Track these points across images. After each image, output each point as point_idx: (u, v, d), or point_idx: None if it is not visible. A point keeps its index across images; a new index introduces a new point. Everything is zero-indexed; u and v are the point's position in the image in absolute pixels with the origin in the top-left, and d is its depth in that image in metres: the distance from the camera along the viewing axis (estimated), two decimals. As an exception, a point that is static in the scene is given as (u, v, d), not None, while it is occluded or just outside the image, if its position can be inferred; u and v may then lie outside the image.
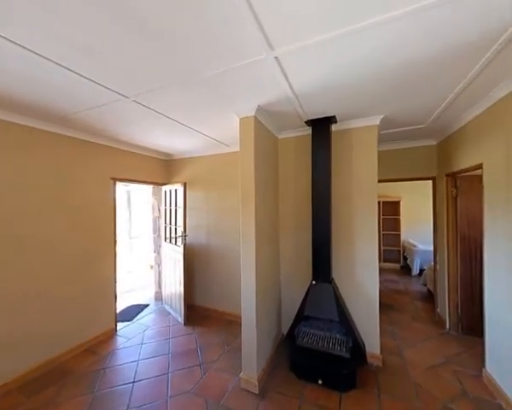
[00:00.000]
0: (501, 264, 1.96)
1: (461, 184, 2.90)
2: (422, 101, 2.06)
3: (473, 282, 2.84)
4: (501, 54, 1.40)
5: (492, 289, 2.09)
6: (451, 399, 1.99)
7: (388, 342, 2.80)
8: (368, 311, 2.47)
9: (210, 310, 3.62)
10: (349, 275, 2.56)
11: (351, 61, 1.46)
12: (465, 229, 2.89)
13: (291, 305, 2.78)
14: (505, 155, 1.88)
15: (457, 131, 2.67)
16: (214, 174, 3.61)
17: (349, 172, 2.57)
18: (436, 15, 1.11)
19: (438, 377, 2.25)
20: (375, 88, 1.80)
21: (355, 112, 2.28)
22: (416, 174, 3.45)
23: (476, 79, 1.69)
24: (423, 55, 1.40)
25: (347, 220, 2.57)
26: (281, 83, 1.70)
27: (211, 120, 2.44)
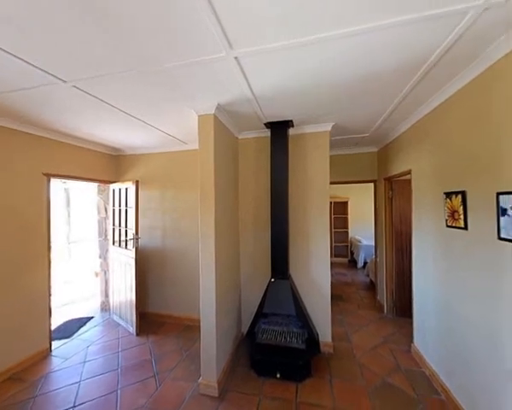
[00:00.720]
0: (425, 256, 2.34)
1: (395, 187, 3.36)
2: (367, 112, 2.32)
3: (404, 271, 3.32)
4: (427, 76, 1.66)
5: (419, 277, 2.48)
6: (388, 373, 2.29)
7: (338, 329, 3.07)
8: (321, 303, 2.67)
9: (166, 316, 3.42)
10: (305, 271, 2.72)
11: (307, 70, 1.55)
12: (399, 225, 3.37)
13: (251, 303, 2.81)
14: (428, 164, 2.25)
15: (393, 141, 3.08)
16: (171, 173, 3.42)
17: (304, 174, 2.73)
18: (375, 39, 1.26)
19: (378, 355, 2.57)
20: (329, 97, 1.95)
21: (310, 118, 2.43)
22: (361, 177, 3.87)
23: (408, 96, 1.97)
24: (366, 72, 1.57)
25: (303, 219, 2.73)
26: (241, 83, 1.70)
27: (168, 116, 2.30)
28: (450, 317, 1.91)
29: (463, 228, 1.73)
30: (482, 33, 1.25)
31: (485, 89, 1.50)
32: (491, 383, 1.50)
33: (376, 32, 1.22)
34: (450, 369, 1.93)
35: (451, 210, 1.85)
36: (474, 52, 1.40)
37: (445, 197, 1.93)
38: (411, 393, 2.05)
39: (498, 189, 1.40)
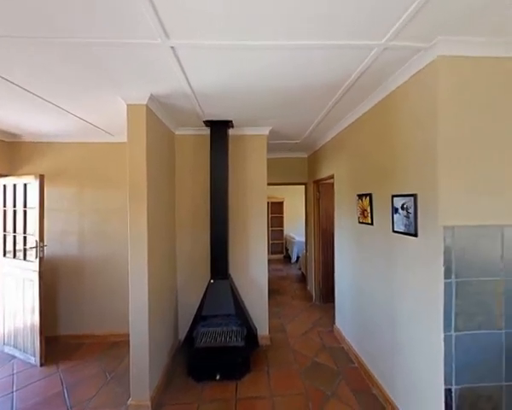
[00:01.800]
0: (343, 248, 2.76)
1: (322, 189, 3.84)
2: (299, 121, 2.56)
3: (328, 263, 3.82)
4: (346, 94, 1.96)
5: (339, 266, 2.90)
6: (316, 353, 2.60)
7: (275, 321, 3.28)
8: (259, 299, 2.79)
9: (84, 337, 2.89)
10: (244, 269, 2.79)
11: (247, 74, 1.59)
12: (324, 223, 3.85)
13: (190, 307, 2.69)
14: (346, 170, 2.65)
15: (320, 148, 3.51)
16: (93, 167, 2.92)
17: (244, 175, 2.80)
18: (308, 56, 1.41)
19: (308, 339, 2.87)
20: (267, 103, 2.06)
21: (250, 120, 2.51)
22: (295, 180, 4.25)
23: (332, 110, 2.28)
24: (300, 83, 1.74)
25: (243, 219, 2.79)
26: (178, 76, 1.61)
27: (88, 101, 1.96)
28: (361, 297, 2.32)
29: (370, 224, 2.12)
30: (383, 67, 1.56)
31: (384, 112, 1.88)
32: (389, 348, 1.89)
33: (309, 50, 1.36)
34: (361, 340, 2.34)
35: (362, 209, 2.24)
36: (378, 81, 1.74)
37: (357, 199, 2.33)
38: (334, 367, 2.38)
39: (393, 192, 1.78)
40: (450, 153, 1.36)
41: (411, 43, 1.32)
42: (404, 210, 1.64)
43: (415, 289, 1.59)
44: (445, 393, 1.37)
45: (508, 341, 1.38)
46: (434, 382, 1.43)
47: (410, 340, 1.64)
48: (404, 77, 1.61)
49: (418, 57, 1.45)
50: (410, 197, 1.58)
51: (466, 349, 1.37)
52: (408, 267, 1.65)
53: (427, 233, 1.47)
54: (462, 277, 1.36)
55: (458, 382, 1.37)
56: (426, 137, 1.46)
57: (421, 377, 1.54)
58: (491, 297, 1.37)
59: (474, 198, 1.37)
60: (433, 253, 1.42)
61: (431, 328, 1.45)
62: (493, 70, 1.37)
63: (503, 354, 1.38)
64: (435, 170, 1.39)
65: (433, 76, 1.40)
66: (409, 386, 1.67)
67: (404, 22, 1.16)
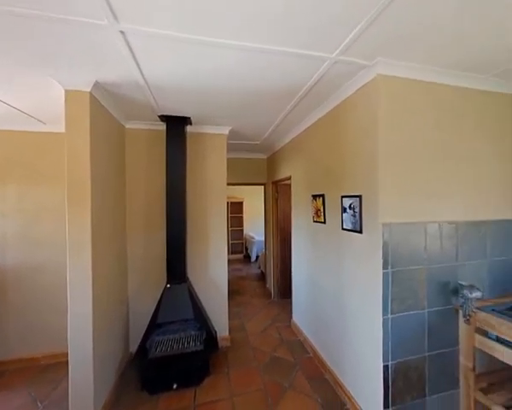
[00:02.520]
0: (299, 245, 2.92)
1: (280, 190, 3.99)
2: (258, 122, 2.61)
3: (286, 260, 3.99)
4: (303, 100, 2.07)
5: (295, 262, 3.06)
6: (275, 348, 2.69)
7: (235, 321, 3.28)
8: (219, 300, 2.75)
9: (7, 363, 2.42)
10: (203, 271, 2.71)
11: (204, 71, 1.55)
12: (282, 222, 4.01)
13: (143, 316, 2.49)
14: (302, 172, 2.81)
15: (279, 150, 3.64)
16: (17, 160, 2.46)
17: (203, 174, 2.73)
18: (267, 59, 1.45)
19: (267, 335, 2.95)
20: (226, 102, 2.04)
21: (209, 119, 2.46)
22: (254, 180, 4.32)
23: (290, 114, 2.39)
24: (258, 85, 1.77)
25: (202, 219, 2.71)
26: (129, 64, 1.47)
27: (14, 81, 1.64)
28: (315, 290, 2.49)
29: (323, 222, 2.29)
30: (335, 78, 1.70)
31: (336, 120, 2.05)
32: (339, 335, 2.07)
33: (267, 54, 1.39)
34: (316, 331, 2.51)
35: (316, 209, 2.40)
36: (330, 90, 1.89)
37: (312, 199, 2.49)
38: (291, 359, 2.50)
39: (342, 193, 1.96)
40: (388, 159, 1.57)
41: (357, 59, 1.48)
42: (352, 209, 1.82)
43: (361, 280, 1.77)
44: (383, 369, 1.57)
45: (429, 318, 1.65)
46: (375, 360, 1.63)
47: (357, 326, 1.83)
48: (352, 89, 1.78)
49: (363, 73, 1.62)
50: (356, 198, 1.76)
51: (399, 329, 1.59)
52: (355, 261, 1.84)
53: (369, 230, 1.66)
54: (397, 267, 1.58)
55: (393, 358, 1.58)
56: (370, 144, 1.64)
57: (365, 357, 1.74)
58: (417, 283, 1.63)
59: (405, 199, 1.60)
60: (374, 247, 1.61)
61: (373, 313, 1.64)
62: (423, 91, 1.63)
63: (426, 330, 1.65)
64: (376, 174, 1.57)
65: (374, 91, 1.59)
66: (355, 367, 1.86)
67: (350, 41, 1.29)
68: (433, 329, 1.66)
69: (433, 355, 1.66)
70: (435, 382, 1.67)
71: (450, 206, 1.68)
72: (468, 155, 1.73)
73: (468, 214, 1.72)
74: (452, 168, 1.69)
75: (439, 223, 1.66)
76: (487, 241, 1.77)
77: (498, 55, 1.46)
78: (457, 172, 1.70)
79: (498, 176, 1.80)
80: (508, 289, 1.83)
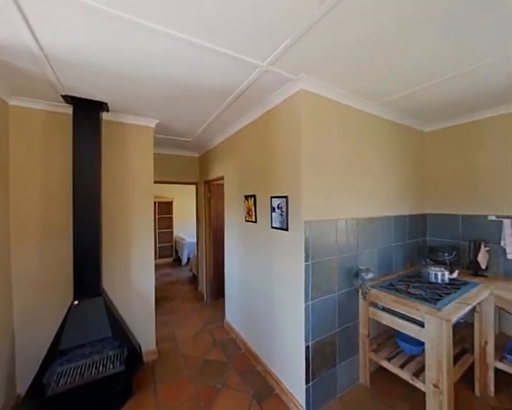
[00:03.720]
0: (232, 245, 2.96)
1: (213, 190, 3.94)
2: (190, 119, 2.50)
3: (219, 260, 3.98)
4: (237, 101, 2.11)
5: (228, 262, 3.09)
6: (207, 351, 2.63)
7: (164, 331, 3.03)
8: (145, 310, 2.48)
9: None
10: (124, 279, 2.38)
11: (124, 53, 1.37)
12: (215, 222, 3.97)
13: (39, 346, 1.97)
14: (235, 172, 2.86)
15: (212, 149, 3.58)
16: None
17: (125, 170, 2.40)
18: (197, 55, 1.40)
19: (199, 340, 2.86)
20: (150, 92, 1.86)
21: (131, 107, 2.18)
22: (186, 179, 4.11)
23: (223, 113, 2.38)
24: (189, 81, 1.70)
25: (122, 221, 2.38)
26: (16, 23, 1.14)
27: None
28: (247, 287, 2.58)
29: (254, 222, 2.40)
30: (265, 85, 1.81)
31: (266, 124, 2.18)
32: (268, 326, 2.22)
33: (199, 50, 1.35)
34: (247, 327, 2.61)
35: (248, 209, 2.50)
36: (262, 96, 2.00)
37: (244, 199, 2.57)
38: (224, 359, 2.51)
39: (272, 194, 2.10)
40: (308, 165, 1.79)
41: (284, 72, 1.62)
42: (280, 209, 1.98)
43: (287, 273, 1.95)
44: (305, 349, 1.78)
45: (339, 299, 1.98)
46: (298, 343, 1.82)
47: (284, 315, 2.00)
48: (280, 98, 1.94)
49: (289, 85, 1.79)
50: (284, 198, 1.93)
51: (317, 312, 1.84)
52: (282, 256, 2.01)
53: (294, 227, 1.85)
54: (316, 259, 1.82)
55: (313, 338, 1.82)
56: (294, 151, 1.83)
57: (290, 342, 1.92)
58: (331, 271, 1.92)
59: (321, 200, 1.86)
60: (298, 243, 1.80)
61: (296, 301, 1.83)
62: (334, 109, 1.93)
63: (337, 310, 1.97)
64: (300, 177, 1.77)
65: (297, 103, 1.78)
66: (282, 353, 2.03)
67: (279, 53, 1.41)
68: (341, 308, 1.99)
69: (341, 330, 2.00)
70: (343, 351, 2.01)
71: (353, 205, 2.07)
72: (365, 166, 2.17)
73: (364, 212, 2.16)
74: (354, 175, 2.08)
75: (346, 219, 2.02)
76: (377, 233, 2.27)
77: (385, 89, 1.89)
78: (357, 178, 2.11)
79: (382, 183, 2.34)
80: (389, 269, 2.40)
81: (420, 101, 2.10)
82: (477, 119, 2.41)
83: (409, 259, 2.61)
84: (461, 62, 1.53)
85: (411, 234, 2.64)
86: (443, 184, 2.70)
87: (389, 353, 2.03)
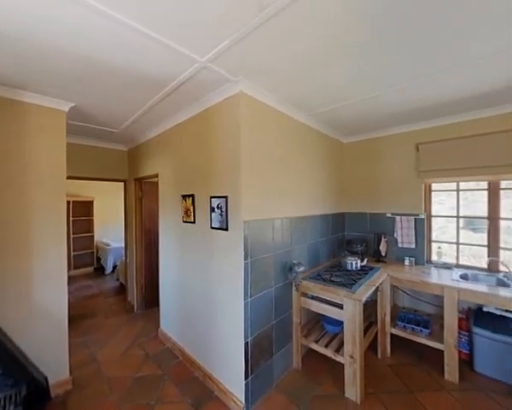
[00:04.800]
0: (168, 247, 2.76)
1: (145, 188, 3.57)
2: (116, 106, 2.19)
3: (153, 265, 3.64)
4: (173, 94, 1.97)
5: (164, 266, 2.86)
6: (138, 369, 2.37)
7: (81, 355, 2.55)
8: (52, 333, 2.03)
9: None
10: (23, 298, 1.89)
11: (28, 16, 1.09)
12: (148, 224, 3.62)
13: None
14: (171, 170, 2.67)
15: (144, 144, 3.24)
16: None
17: (22, 160, 1.90)
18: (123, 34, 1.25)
19: (128, 357, 2.54)
20: (61, 67, 1.54)
21: (34, 82, 1.75)
22: (111, 175, 3.58)
23: (157, 106, 2.19)
24: (118, 64, 1.49)
25: (19, 224, 1.88)
26: None
27: None
28: (184, 290, 2.46)
29: (193, 222, 2.30)
30: (204, 82, 1.76)
31: (205, 122, 2.13)
32: (207, 328, 2.17)
33: (130, 30, 1.20)
34: (185, 333, 2.48)
35: (186, 209, 2.38)
36: (201, 92, 1.93)
37: (181, 199, 2.43)
38: (159, 372, 2.31)
39: (211, 194, 2.07)
40: (247, 166, 1.84)
41: (224, 72, 1.62)
42: (219, 209, 1.97)
43: (226, 272, 1.95)
44: (244, 346, 1.83)
45: (275, 293, 2.11)
46: (238, 341, 1.86)
47: (223, 316, 2.00)
48: (220, 97, 1.92)
49: (229, 86, 1.80)
50: (223, 198, 1.92)
51: (256, 308, 1.91)
52: (221, 256, 2.00)
53: (234, 227, 1.87)
54: (254, 257, 1.89)
55: (252, 334, 1.88)
56: (234, 150, 1.85)
57: (230, 341, 1.94)
58: (268, 267, 2.03)
59: (260, 200, 1.94)
60: (237, 242, 1.83)
61: (236, 300, 1.86)
62: (271, 114, 2.04)
63: (273, 303, 2.09)
64: (239, 177, 1.80)
65: (237, 104, 1.81)
66: (221, 354, 2.02)
67: (218, 52, 1.40)
68: (277, 301, 2.14)
69: (277, 322, 2.14)
70: (279, 341, 2.16)
71: (287, 205, 2.25)
72: (296, 169, 2.39)
73: (297, 211, 2.38)
74: (288, 177, 2.27)
75: (281, 218, 2.17)
76: (307, 230, 2.53)
77: (314, 102, 2.13)
78: (291, 180, 2.31)
79: (311, 186, 2.63)
80: (317, 261, 2.72)
81: (340, 116, 2.47)
82: (378, 136, 3.00)
83: (332, 251, 3.03)
84: (371, 88, 1.87)
85: (333, 230, 3.07)
86: (356, 188, 3.25)
87: (317, 336, 2.30)
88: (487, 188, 2.46)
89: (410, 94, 1.97)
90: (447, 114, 2.41)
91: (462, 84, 1.81)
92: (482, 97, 2.03)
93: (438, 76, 1.69)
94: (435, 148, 2.58)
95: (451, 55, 1.46)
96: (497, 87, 1.85)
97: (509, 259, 2.35)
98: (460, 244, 2.63)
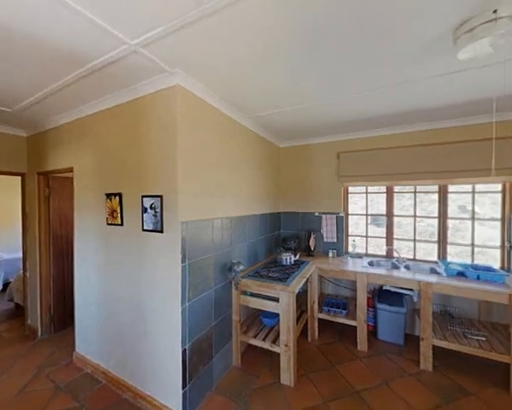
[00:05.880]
0: (87, 254, 2.34)
1: (54, 185, 2.93)
2: (11, 80, 1.71)
3: (65, 278, 3.02)
4: (91, 77, 1.68)
5: (81, 276, 2.41)
6: (45, 405, 1.92)
7: None
8: None
9: None
10: None
11: None
12: (58, 228, 2.98)
13: None
14: (91, 164, 2.28)
15: (51, 131, 2.65)
16: None
17: None
18: None
19: (29, 395, 2.03)
20: None
21: None
22: (1, 167, 2.78)
23: (69, 88, 1.83)
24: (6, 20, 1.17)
25: None
26: None
27: None
28: (109, 303, 2.14)
29: (120, 224, 2.03)
30: (135, 68, 1.57)
31: (137, 113, 1.91)
32: (139, 346, 1.95)
33: None
34: (110, 351, 2.16)
35: (111, 209, 2.08)
36: (131, 79, 1.72)
37: (105, 198, 2.11)
38: (74, 404, 1.93)
39: (143, 192, 1.87)
40: (185, 164, 1.75)
41: (158, 60, 1.49)
42: (153, 209, 1.80)
43: (162, 277, 1.81)
44: (182, 354, 1.73)
45: (215, 294, 2.08)
46: (175, 349, 1.74)
47: (158, 325, 1.84)
48: (155, 87, 1.76)
49: (165, 76, 1.67)
50: (158, 198, 1.77)
51: (194, 312, 1.84)
52: (156, 260, 1.83)
53: (170, 229, 1.74)
54: (193, 259, 1.81)
55: (190, 339, 1.80)
56: (170, 146, 1.72)
57: (165, 351, 1.80)
58: (208, 268, 1.99)
59: (198, 199, 1.88)
60: (174, 244, 1.72)
61: (173, 306, 1.74)
62: (211, 112, 2.00)
63: (213, 304, 2.06)
64: (176, 175, 1.69)
65: (174, 98, 1.70)
66: (155, 366, 1.86)
67: (150, 38, 1.28)
68: (217, 302, 2.11)
69: (218, 322, 2.11)
70: (219, 342, 2.14)
71: (227, 205, 2.25)
72: (237, 170, 2.43)
73: (237, 211, 2.41)
74: (228, 177, 2.28)
75: (221, 218, 2.16)
76: (246, 229, 2.60)
77: (253, 106, 2.20)
78: (231, 180, 2.32)
79: (251, 186, 2.72)
80: (256, 259, 2.82)
81: (276, 121, 2.64)
82: (309, 143, 3.36)
83: (269, 249, 3.20)
84: (304, 99, 2.07)
85: (271, 229, 3.26)
86: (291, 189, 3.54)
87: (255, 331, 2.39)
88: (386, 191, 3.10)
89: (337, 109, 2.28)
90: (362, 129, 2.90)
91: (378, 105, 2.21)
92: (393, 117, 2.51)
93: (364, 95, 2.00)
94: (351, 157, 3.08)
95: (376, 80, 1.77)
96: (402, 110, 2.33)
97: (399, 247, 3.02)
98: (368, 237, 3.22)
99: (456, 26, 1.21)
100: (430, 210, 2.91)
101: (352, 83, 1.79)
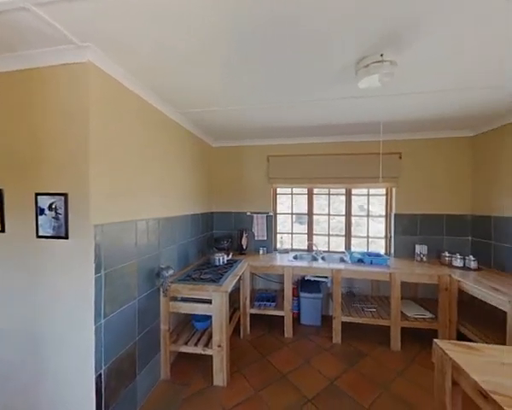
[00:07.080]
0: None
1: None
2: None
3: None
4: None
5: None
6: None
7: None
8: None
9: None
10: None
11: None
12: None
13: None
14: None
15: None
16: None
17: None
18: None
19: None
20: None
21: None
22: None
23: None
24: None
25: None
26: None
27: None
28: (-17, 338, 1.60)
29: (1, 231, 1.54)
30: (26, 30, 1.23)
31: (28, 88, 1.48)
32: (35, 383, 1.53)
33: None
34: (-17, 401, 1.61)
35: (-15, 211, 1.55)
36: (17, 41, 1.33)
37: (-25, 195, 1.56)
38: None
39: (37, 189, 1.48)
40: (99, 158, 1.49)
41: (61, 27, 1.22)
42: (53, 211, 1.45)
43: (67, 294, 1.47)
44: (96, 381, 1.46)
45: (139, 305, 1.86)
46: (86, 377, 1.46)
47: (61, 351, 1.49)
48: (57, 59, 1.42)
49: (71, 49, 1.37)
50: (61, 196, 1.44)
51: (113, 329, 1.59)
52: (59, 273, 1.48)
53: (78, 234, 1.45)
54: (110, 268, 1.56)
55: (107, 361, 1.54)
56: (78, 135, 1.43)
57: (73, 383, 1.48)
58: (130, 277, 1.75)
59: (116, 199, 1.64)
60: (85, 252, 1.44)
61: (83, 325, 1.45)
62: (134, 101, 1.77)
63: (137, 317, 1.84)
64: (87, 170, 1.42)
65: (84, 77, 1.42)
66: (58, 405, 1.50)
67: (52, -2, 1.03)
68: (142, 313, 1.89)
69: (142, 336, 1.90)
70: (143, 357, 1.92)
71: (154, 205, 2.05)
72: (165, 167, 2.25)
73: (165, 211, 2.23)
74: (155, 174, 2.08)
75: (147, 220, 1.95)
76: (176, 231, 2.44)
77: (182, 100, 2.08)
78: (159, 178, 2.13)
79: (181, 185, 2.57)
80: (187, 262, 2.69)
81: (209, 120, 2.59)
82: (242, 144, 3.45)
83: (201, 250, 3.11)
84: (236, 100, 2.10)
85: (203, 229, 3.17)
86: (223, 189, 3.54)
87: (187, 337, 2.27)
88: (307, 193, 3.52)
89: (266, 114, 2.42)
90: (289, 136, 3.19)
91: (297, 117, 2.47)
92: (309, 129, 2.86)
93: (285, 107, 2.19)
94: (279, 160, 3.35)
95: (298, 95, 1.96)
96: (316, 123, 2.69)
97: (317, 241, 3.49)
98: (293, 234, 3.58)
99: (357, 60, 1.50)
100: (340, 209, 3.49)
101: (278, 94, 1.95)
